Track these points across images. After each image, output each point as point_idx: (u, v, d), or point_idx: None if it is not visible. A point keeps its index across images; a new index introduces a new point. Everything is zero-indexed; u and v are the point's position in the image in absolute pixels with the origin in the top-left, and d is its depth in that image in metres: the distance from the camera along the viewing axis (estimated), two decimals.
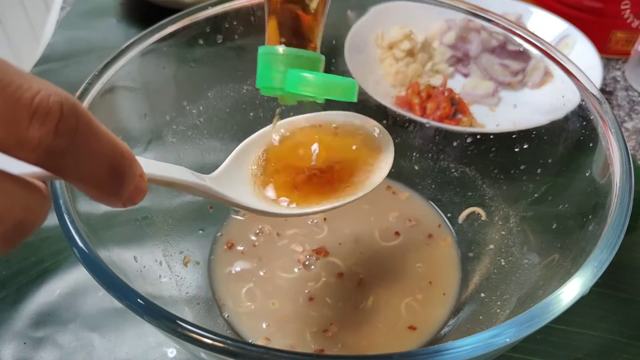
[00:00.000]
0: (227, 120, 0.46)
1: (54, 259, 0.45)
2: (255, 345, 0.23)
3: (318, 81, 0.29)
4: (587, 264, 0.26)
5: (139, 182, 0.21)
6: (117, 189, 0.20)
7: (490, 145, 0.46)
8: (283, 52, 0.30)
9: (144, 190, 0.22)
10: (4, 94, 0.16)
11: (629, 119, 0.61)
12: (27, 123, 0.16)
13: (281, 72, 0.30)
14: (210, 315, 0.40)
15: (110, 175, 0.19)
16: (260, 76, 0.31)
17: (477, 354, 0.23)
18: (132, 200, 0.21)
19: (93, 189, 0.19)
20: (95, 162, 0.18)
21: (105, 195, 0.20)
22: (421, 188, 0.50)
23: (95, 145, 0.18)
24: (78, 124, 0.17)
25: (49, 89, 0.17)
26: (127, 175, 0.20)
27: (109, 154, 0.19)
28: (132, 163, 0.20)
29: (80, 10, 0.75)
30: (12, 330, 0.41)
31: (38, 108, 0.16)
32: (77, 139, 0.17)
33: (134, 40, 0.38)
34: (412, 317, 0.40)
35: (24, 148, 0.16)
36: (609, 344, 0.40)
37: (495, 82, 0.59)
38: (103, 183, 0.19)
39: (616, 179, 0.30)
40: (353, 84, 0.29)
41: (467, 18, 0.44)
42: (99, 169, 0.19)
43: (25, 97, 0.16)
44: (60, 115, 0.17)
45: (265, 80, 0.31)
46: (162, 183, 0.26)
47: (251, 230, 0.46)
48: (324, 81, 0.29)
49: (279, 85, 0.30)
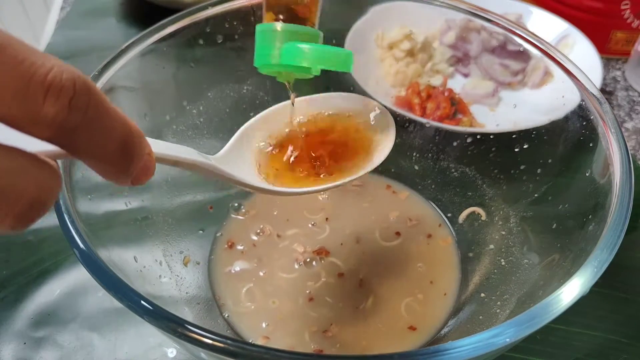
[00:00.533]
0: (227, 120, 0.46)
1: (54, 259, 0.45)
2: (255, 345, 0.23)
3: (313, 52, 0.29)
4: (587, 264, 0.26)
5: (147, 160, 0.21)
6: (127, 166, 0.20)
7: (490, 145, 0.46)
8: (281, 28, 0.30)
9: (151, 168, 0.22)
10: (18, 70, 0.16)
11: (629, 119, 0.61)
12: (42, 99, 0.16)
13: (279, 49, 0.30)
14: (210, 315, 0.40)
15: (121, 152, 0.19)
16: (258, 54, 0.31)
17: (477, 354, 0.23)
18: (139, 178, 0.21)
19: (103, 165, 0.19)
20: (106, 138, 0.18)
21: (115, 172, 0.20)
22: (421, 188, 0.50)
23: (106, 122, 0.18)
24: (90, 100, 0.17)
25: (61, 65, 0.17)
26: (137, 152, 0.20)
27: (120, 131, 0.19)
28: (142, 141, 0.20)
29: (80, 10, 0.75)
30: (12, 330, 0.41)
31: (52, 84, 0.16)
32: (89, 114, 0.17)
33: (134, 40, 0.38)
34: (412, 317, 0.40)
35: (39, 124, 0.16)
36: (609, 344, 0.40)
37: (495, 82, 0.59)
38: (113, 159, 0.19)
39: (616, 179, 0.30)
40: (349, 54, 0.30)
41: (467, 18, 0.44)
42: (110, 145, 0.19)
43: (39, 73, 0.16)
44: (73, 91, 0.17)
45: (263, 58, 0.31)
46: (169, 162, 0.26)
47: (251, 229, 0.46)
48: (320, 51, 0.29)
49: (276, 61, 0.30)
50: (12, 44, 0.16)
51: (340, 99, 0.38)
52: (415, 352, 0.23)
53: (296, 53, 0.29)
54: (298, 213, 0.47)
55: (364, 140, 0.36)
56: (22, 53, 0.16)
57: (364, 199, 0.49)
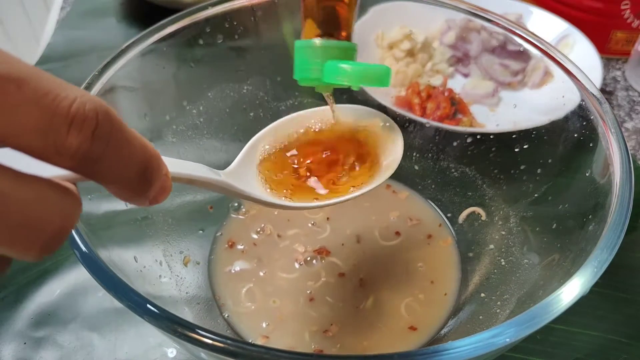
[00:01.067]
0: (227, 120, 0.46)
1: (54, 259, 0.45)
2: (255, 345, 0.23)
3: (354, 71, 0.31)
4: (587, 264, 0.26)
5: (164, 181, 0.21)
6: (146, 189, 0.20)
7: (490, 145, 0.46)
8: (319, 44, 0.32)
9: (168, 189, 0.22)
10: (42, 103, 0.16)
11: (629, 119, 0.61)
12: (66, 131, 0.16)
13: (318, 64, 0.32)
14: (210, 315, 0.40)
15: (140, 177, 0.20)
16: (298, 68, 0.33)
17: (477, 354, 0.23)
18: (157, 199, 0.22)
19: (123, 190, 0.20)
20: (127, 165, 0.19)
21: (134, 196, 0.20)
22: (421, 188, 0.50)
23: (127, 149, 0.19)
24: (112, 129, 0.18)
25: (84, 96, 0.17)
26: (155, 175, 0.20)
27: (140, 157, 0.19)
28: (160, 163, 0.21)
29: (80, 10, 0.75)
30: (12, 330, 0.41)
31: (76, 116, 0.16)
32: (111, 143, 0.18)
33: (134, 40, 0.38)
34: (412, 317, 0.40)
35: (63, 155, 0.17)
36: (609, 344, 0.40)
37: (495, 82, 0.59)
38: (133, 184, 0.20)
39: (616, 179, 0.30)
40: (387, 71, 0.31)
41: (467, 18, 0.44)
42: (131, 171, 0.19)
43: (63, 105, 0.16)
44: (96, 122, 0.17)
45: (303, 72, 0.33)
46: (184, 181, 0.27)
47: (252, 229, 0.46)
48: (360, 70, 0.31)
49: (316, 76, 0.32)
50: (36, 77, 0.16)
51: (350, 111, 0.38)
52: (415, 352, 0.23)
53: (338, 72, 0.31)
54: (298, 213, 0.47)
55: (373, 153, 0.37)
56: (46, 85, 0.16)
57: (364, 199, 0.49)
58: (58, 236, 0.17)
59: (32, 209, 0.16)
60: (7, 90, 0.15)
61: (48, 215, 0.17)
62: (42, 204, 0.17)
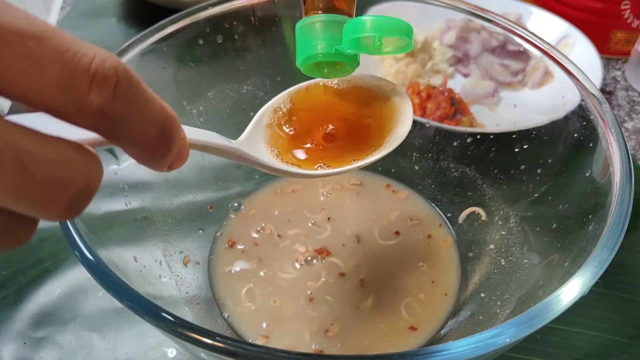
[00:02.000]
0: (227, 120, 0.46)
1: (54, 259, 0.45)
2: (255, 345, 0.23)
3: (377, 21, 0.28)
4: (587, 264, 0.26)
5: (182, 145, 0.21)
6: (165, 152, 0.20)
7: (490, 145, 0.46)
8: (320, 19, 0.30)
9: (186, 154, 0.22)
10: (62, 60, 0.16)
11: (629, 119, 0.61)
12: (87, 88, 0.16)
13: (320, 40, 0.30)
14: (210, 315, 0.40)
15: (160, 138, 0.19)
16: (299, 50, 0.31)
17: (477, 354, 0.23)
18: (174, 164, 0.21)
19: (143, 152, 0.19)
20: (147, 125, 0.18)
21: (153, 158, 0.20)
22: (421, 188, 0.50)
23: (147, 108, 0.18)
24: (131, 87, 0.17)
25: (103, 53, 0.17)
26: (175, 138, 0.20)
27: (159, 117, 0.19)
28: (178, 125, 0.20)
29: (80, 10, 0.75)
30: (12, 330, 0.41)
31: (96, 73, 0.16)
32: (131, 102, 0.17)
33: (134, 40, 0.38)
34: (412, 317, 0.40)
35: (84, 113, 0.17)
36: (609, 344, 0.40)
37: (495, 82, 0.59)
38: (152, 145, 0.19)
39: (616, 179, 0.30)
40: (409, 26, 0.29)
41: (467, 18, 0.44)
42: (150, 131, 0.19)
43: (83, 62, 0.16)
44: (116, 79, 0.17)
45: (305, 51, 0.30)
46: (199, 147, 0.27)
47: (252, 229, 0.46)
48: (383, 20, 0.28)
49: (320, 51, 0.30)
50: (56, 34, 0.16)
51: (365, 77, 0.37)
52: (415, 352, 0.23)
53: (359, 26, 0.28)
54: (299, 212, 0.47)
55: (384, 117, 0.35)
56: (66, 42, 0.16)
57: (364, 199, 0.49)
58: (83, 194, 0.17)
59: (57, 168, 0.16)
60: (27, 46, 0.15)
61: (72, 174, 0.17)
62: (67, 164, 0.17)
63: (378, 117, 0.36)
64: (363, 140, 0.35)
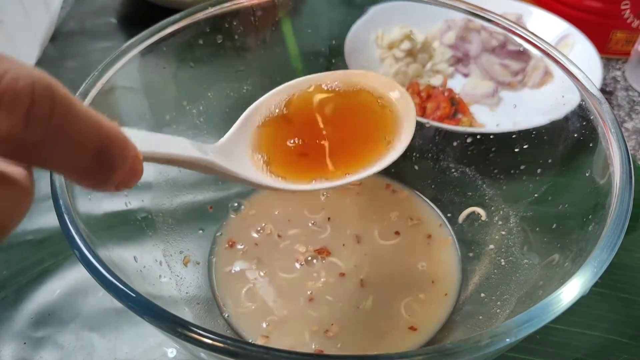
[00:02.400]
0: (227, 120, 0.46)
1: (54, 259, 0.45)
2: (255, 345, 0.23)
3: None
4: (587, 264, 0.26)
5: (133, 164, 0.19)
6: (107, 176, 0.18)
7: (490, 145, 0.46)
8: None
9: (139, 172, 0.20)
10: None
11: (629, 119, 0.61)
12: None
13: None
14: (210, 315, 0.40)
15: (97, 160, 0.17)
16: None
17: (477, 354, 0.23)
18: (126, 184, 0.19)
19: (78, 177, 0.17)
20: (77, 150, 0.16)
21: (94, 183, 0.18)
22: (421, 188, 0.50)
23: (77, 130, 0.16)
24: (54, 107, 0.15)
25: (16, 70, 0.14)
26: (117, 160, 0.18)
27: (93, 139, 0.17)
28: (123, 146, 0.18)
29: (80, 10, 0.75)
30: (12, 330, 0.41)
31: (4, 94, 0.14)
32: (53, 126, 0.15)
33: (134, 40, 0.38)
34: (412, 317, 0.40)
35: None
36: (609, 344, 0.40)
37: (495, 82, 0.59)
38: (90, 171, 0.17)
39: (616, 179, 0.30)
40: None
41: (467, 18, 0.44)
42: (83, 156, 0.17)
43: None
44: (30, 99, 0.14)
45: None
46: (161, 161, 0.24)
47: (252, 229, 0.46)
48: None
49: None
50: None
51: (360, 76, 0.35)
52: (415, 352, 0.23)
53: None
54: (299, 212, 0.47)
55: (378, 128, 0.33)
56: None
57: (364, 199, 0.49)
58: None
59: None
60: None
61: None
62: None
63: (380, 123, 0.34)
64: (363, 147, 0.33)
